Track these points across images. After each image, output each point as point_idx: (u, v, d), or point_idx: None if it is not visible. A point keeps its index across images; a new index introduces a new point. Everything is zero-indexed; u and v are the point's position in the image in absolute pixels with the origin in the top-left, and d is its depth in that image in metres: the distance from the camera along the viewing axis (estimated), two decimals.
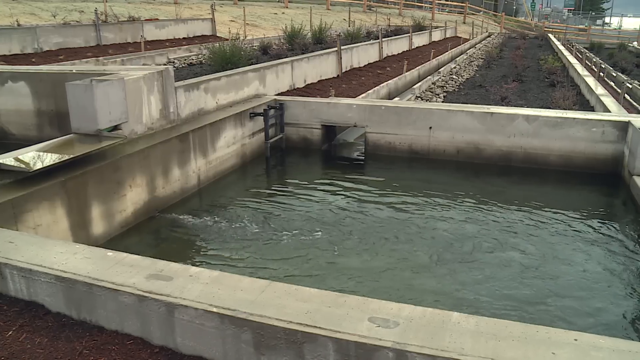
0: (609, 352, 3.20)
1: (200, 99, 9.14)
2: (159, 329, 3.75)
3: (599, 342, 3.29)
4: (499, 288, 5.70)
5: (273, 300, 3.64)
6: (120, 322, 3.86)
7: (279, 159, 10.52)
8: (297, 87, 13.10)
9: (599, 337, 3.39)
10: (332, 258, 6.29)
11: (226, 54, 12.09)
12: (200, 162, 8.47)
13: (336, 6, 41.83)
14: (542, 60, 21.89)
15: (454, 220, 7.42)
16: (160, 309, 3.69)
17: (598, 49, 34.78)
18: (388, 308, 3.54)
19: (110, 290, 3.81)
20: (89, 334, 3.83)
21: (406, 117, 10.11)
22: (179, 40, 20.89)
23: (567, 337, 3.34)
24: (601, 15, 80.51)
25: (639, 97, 14.92)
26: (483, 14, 62.35)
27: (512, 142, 9.66)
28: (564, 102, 12.32)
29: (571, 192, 8.93)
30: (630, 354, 3.18)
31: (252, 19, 28.61)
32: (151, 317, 3.74)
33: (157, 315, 3.71)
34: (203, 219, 7.29)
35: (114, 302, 3.82)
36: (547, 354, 3.15)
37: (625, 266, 6.29)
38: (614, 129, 9.18)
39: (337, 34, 18.83)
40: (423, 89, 16.21)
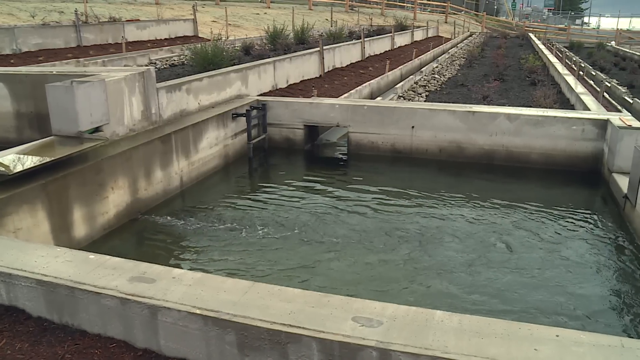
0: (590, 347, 3.23)
1: (182, 100, 9.10)
2: (142, 332, 3.73)
3: (580, 338, 3.33)
4: (481, 283, 5.74)
5: (256, 301, 3.63)
6: (103, 325, 3.84)
7: (261, 159, 10.51)
8: (280, 88, 13.09)
9: (580, 332, 3.43)
10: (316, 258, 6.29)
11: (208, 54, 12.04)
12: (183, 163, 8.43)
13: (318, 6, 41.84)
14: (523, 59, 22.07)
15: (437, 219, 7.45)
16: (143, 312, 3.67)
17: (578, 48, 35.16)
18: (371, 307, 3.55)
19: (93, 293, 3.79)
20: (71, 338, 3.80)
21: (389, 116, 10.14)
22: (161, 41, 20.78)
23: (549, 333, 3.37)
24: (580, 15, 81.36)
25: (618, 95, 15.10)
26: (464, 13, 62.72)
27: (494, 141, 9.73)
28: (544, 100, 12.43)
29: (553, 190, 9.01)
30: (610, 348, 3.22)
31: (234, 19, 28.52)
32: (134, 319, 3.72)
33: (140, 318, 3.69)
34: (186, 221, 7.26)
35: (97, 305, 3.80)
36: (530, 351, 3.18)
37: (604, 260, 6.37)
38: (593, 127, 9.29)
39: (320, 34, 18.86)
40: (405, 88, 16.26)
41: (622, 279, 6.01)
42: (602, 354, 3.17)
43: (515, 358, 3.12)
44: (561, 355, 3.15)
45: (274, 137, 10.77)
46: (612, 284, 5.89)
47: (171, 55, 17.29)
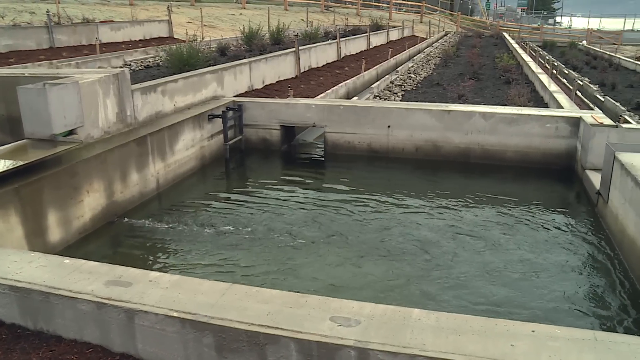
0: (565, 341, 3.28)
1: (158, 102, 9.03)
2: (119, 336, 3.70)
3: (555, 332, 3.38)
4: (458, 280, 5.78)
5: (234, 303, 3.62)
6: (79, 330, 3.80)
7: (238, 160, 10.47)
8: (256, 88, 13.05)
9: (555, 327, 3.48)
10: (294, 258, 6.29)
11: (183, 55, 11.96)
12: (159, 165, 8.37)
13: (294, 6, 41.80)
14: (498, 58, 22.27)
15: (414, 218, 7.50)
16: (120, 316, 3.64)
17: (551, 47, 35.57)
18: (349, 307, 3.56)
19: (68, 298, 3.75)
20: (46, 345, 3.75)
21: (365, 116, 10.17)
22: (136, 43, 20.58)
23: (525, 329, 3.41)
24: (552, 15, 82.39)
25: (589, 93, 15.32)
26: (439, 13, 63.11)
27: (469, 139, 9.82)
28: (519, 99, 12.56)
29: (528, 187, 9.12)
30: (584, 341, 3.28)
31: (210, 20, 28.36)
32: (111, 324, 3.68)
33: (117, 322, 3.66)
34: (163, 223, 7.21)
35: (72, 310, 3.76)
36: (506, 346, 3.22)
37: (578, 255, 6.47)
38: (566, 125, 9.42)
39: (295, 35, 18.84)
40: (381, 88, 16.32)
41: (595, 273, 6.11)
42: (576, 347, 3.23)
43: (492, 354, 3.15)
44: (537, 350, 3.19)
45: (250, 138, 10.74)
46: (586, 278, 5.98)
47: (146, 57, 17.14)
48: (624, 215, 6.45)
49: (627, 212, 6.33)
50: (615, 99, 14.28)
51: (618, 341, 3.32)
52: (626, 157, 6.76)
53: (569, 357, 3.14)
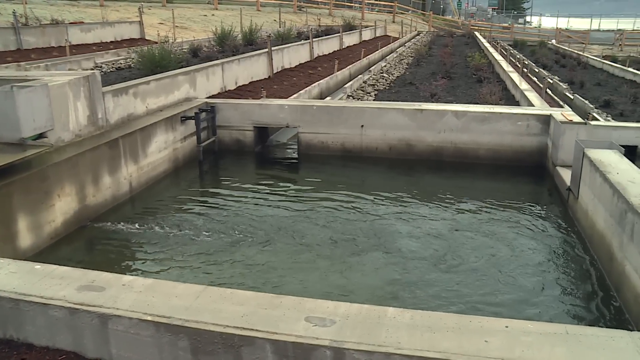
0: (537, 335, 3.34)
1: (130, 104, 8.95)
2: (93, 342, 3.66)
3: (528, 327, 3.43)
4: (432, 277, 5.83)
5: (209, 305, 3.61)
6: (52, 337, 3.75)
7: (212, 162, 10.42)
8: (229, 89, 13.00)
9: (528, 322, 3.54)
10: (268, 260, 6.27)
11: (155, 57, 11.87)
12: (132, 168, 8.29)
13: (266, 7, 41.68)
14: (470, 57, 22.48)
15: (388, 217, 7.53)
16: (93, 321, 3.60)
17: (521, 46, 36.02)
18: (324, 307, 3.57)
19: (39, 304, 3.69)
20: (16, 353, 3.69)
21: (338, 116, 10.20)
22: (107, 44, 20.36)
23: (498, 325, 3.46)
24: (522, 14, 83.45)
25: (559, 91, 15.55)
26: (412, 13, 63.48)
27: (442, 138, 9.90)
28: (490, 97, 12.70)
29: (501, 184, 9.23)
30: (556, 335, 3.33)
31: (182, 21, 28.17)
32: (84, 329, 3.64)
33: (90, 328, 3.62)
34: (136, 226, 7.14)
35: (44, 316, 3.70)
36: (480, 343, 3.26)
37: (550, 250, 6.59)
38: (537, 122, 9.55)
39: (268, 35, 18.76)
40: (354, 87, 16.36)
41: (567, 267, 6.21)
42: (548, 341, 3.28)
43: (466, 351, 3.19)
44: (510, 346, 3.23)
45: (224, 140, 10.69)
46: (557, 272, 6.07)
47: (117, 59, 16.96)
48: (593, 210, 6.57)
49: (596, 207, 6.44)
50: (584, 97, 14.52)
51: (588, 334, 3.39)
52: (595, 154, 6.88)
53: (542, 351, 3.19)
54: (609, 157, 6.76)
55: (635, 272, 5.06)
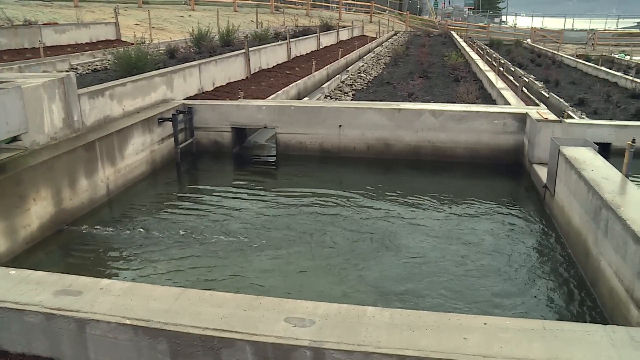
0: (515, 332, 3.38)
1: (106, 106, 8.86)
2: (70, 347, 3.63)
3: (506, 324, 3.47)
4: (412, 274, 5.86)
5: (187, 308, 3.59)
6: (27, 343, 3.70)
7: (190, 164, 10.36)
8: (206, 91, 12.94)
9: (506, 319, 3.58)
10: (247, 261, 6.26)
11: (132, 58, 11.77)
12: (109, 170, 8.21)
13: (243, 8, 41.53)
14: (447, 56, 22.64)
15: (367, 216, 7.55)
16: (71, 326, 3.57)
17: (497, 46, 36.32)
18: (303, 307, 3.57)
19: (14, 310, 3.64)
20: None
21: (316, 116, 10.20)
22: (82, 46, 20.11)
23: (477, 322, 3.49)
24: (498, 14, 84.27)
25: (535, 90, 15.72)
26: (389, 13, 63.73)
27: (420, 137, 9.95)
28: (467, 96, 12.80)
29: (478, 182, 9.30)
30: (533, 331, 3.38)
31: (158, 22, 27.95)
32: (61, 335, 3.60)
33: (68, 333, 3.59)
34: (114, 229, 7.08)
35: (19, 322, 3.65)
36: (459, 340, 3.29)
37: (527, 246, 6.65)
38: (514, 121, 9.65)
39: (245, 36, 18.73)
40: (332, 87, 16.39)
41: (544, 263, 6.28)
42: (526, 337, 3.32)
43: (445, 348, 3.21)
44: (489, 342, 3.27)
45: (201, 141, 10.64)
46: (534, 269, 6.14)
47: (93, 60, 16.77)
48: (569, 207, 6.65)
49: (572, 204, 6.52)
50: (559, 95, 14.71)
51: (565, 329, 3.44)
52: (570, 151, 6.97)
53: (519, 347, 3.23)
54: (583, 155, 6.85)
55: (610, 267, 5.14)
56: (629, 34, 56.34)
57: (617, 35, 54.16)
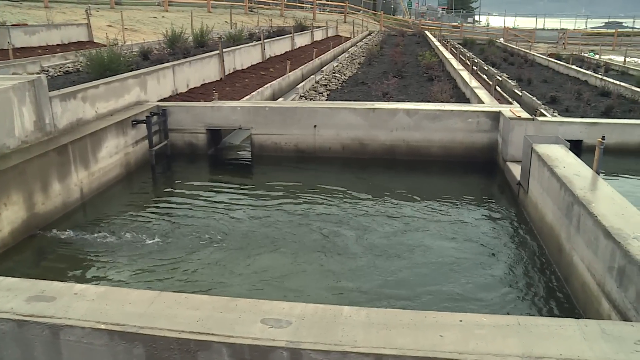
0: (491, 328, 3.41)
1: (79, 109, 8.75)
2: (44, 354, 3.57)
3: (482, 321, 3.50)
4: (388, 274, 5.88)
5: (163, 311, 3.57)
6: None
7: (165, 166, 10.28)
8: (180, 92, 12.85)
9: (482, 315, 3.61)
10: (223, 263, 6.23)
11: (104, 60, 11.65)
12: (82, 174, 8.12)
13: (217, 8, 41.34)
14: (421, 56, 22.78)
15: (342, 216, 7.57)
16: (44, 332, 3.51)
17: (470, 45, 36.71)
18: (280, 308, 3.57)
19: None
20: None
21: (291, 117, 10.20)
22: (53, 47, 19.82)
23: (453, 319, 3.52)
24: (471, 13, 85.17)
25: (508, 88, 15.90)
26: (363, 13, 63.96)
27: (395, 136, 10.00)
28: (441, 95, 12.90)
29: (453, 180, 9.39)
30: (508, 327, 3.42)
31: (131, 23, 27.70)
32: (34, 342, 3.55)
33: (41, 340, 3.53)
34: (89, 233, 7.00)
35: None
36: (436, 337, 3.31)
37: (502, 243, 6.73)
38: (487, 119, 9.75)
39: (219, 37, 18.62)
40: (307, 88, 16.39)
41: (518, 259, 6.36)
42: (501, 333, 3.36)
43: (422, 346, 3.23)
44: (465, 339, 3.30)
45: (176, 143, 10.56)
46: (509, 265, 6.21)
47: (65, 62, 16.54)
48: (542, 204, 6.74)
49: (545, 200, 6.61)
50: (532, 94, 14.91)
51: (539, 324, 3.48)
52: (542, 149, 7.07)
53: (495, 343, 3.27)
54: (555, 152, 6.95)
55: (582, 262, 5.22)
56: (598, 33, 57.36)
57: (587, 34, 55.15)
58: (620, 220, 4.82)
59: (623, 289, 4.32)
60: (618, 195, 5.48)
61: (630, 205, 5.23)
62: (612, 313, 4.50)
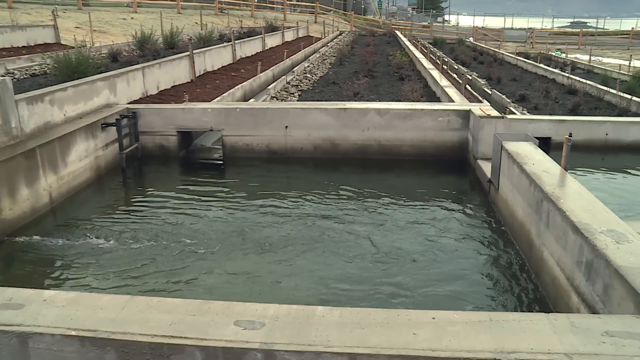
0: (463, 324, 3.45)
1: (47, 112, 8.61)
2: None
3: (454, 317, 3.54)
4: (360, 272, 5.90)
5: (135, 316, 3.53)
6: None
7: (135, 169, 10.16)
8: (151, 94, 12.73)
9: (454, 312, 3.65)
10: (195, 266, 6.18)
11: (72, 63, 11.48)
12: (51, 178, 7.99)
13: (187, 10, 41.04)
14: (391, 55, 22.92)
15: (315, 217, 7.57)
16: (12, 341, 3.45)
17: (441, 44, 37.03)
18: (253, 309, 3.56)
19: None
20: None
21: (262, 118, 10.17)
22: (18, 49, 19.47)
23: (425, 317, 3.55)
24: (441, 13, 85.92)
25: (478, 87, 16.07)
26: (333, 13, 64.05)
27: (366, 136, 10.04)
28: (412, 94, 12.98)
29: (425, 179, 9.46)
30: (480, 323, 3.45)
31: (100, 25, 27.34)
32: (1, 351, 3.48)
33: (9, 349, 3.46)
34: (58, 239, 6.89)
35: None
36: (409, 336, 3.33)
37: (473, 240, 6.80)
38: (458, 118, 9.84)
39: (189, 38, 18.48)
40: (278, 89, 16.37)
41: (489, 256, 6.43)
42: (473, 329, 3.40)
43: (395, 344, 3.25)
44: (438, 336, 3.32)
45: (147, 146, 10.45)
46: (481, 261, 6.29)
47: (31, 65, 16.27)
48: (513, 200, 6.82)
49: (515, 197, 6.70)
50: (502, 92, 15.10)
51: (510, 319, 3.53)
52: (512, 146, 7.16)
53: (467, 340, 3.30)
54: (525, 149, 7.05)
55: (552, 257, 5.30)
56: (564, 33, 58.33)
57: (554, 34, 55.99)
58: (587, 216, 4.91)
59: (591, 282, 4.40)
60: (585, 191, 5.58)
61: (597, 201, 5.33)
62: (581, 306, 4.58)
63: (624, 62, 26.38)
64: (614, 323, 3.48)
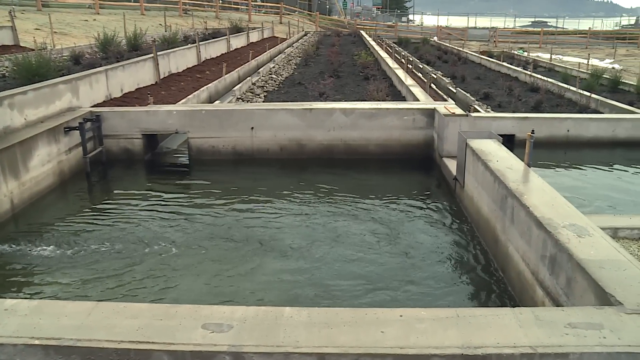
0: (430, 321, 3.48)
1: (6, 116, 8.43)
2: None
3: (421, 315, 3.57)
4: (329, 272, 5.91)
5: (101, 322, 3.48)
6: None
7: (100, 173, 10.01)
8: (114, 97, 12.55)
9: (421, 309, 3.68)
10: (162, 270, 6.10)
11: (32, 65, 11.25)
12: (12, 184, 7.82)
13: (151, 11, 40.56)
14: (356, 55, 23.01)
15: (282, 218, 7.57)
16: None
17: (405, 44, 37.31)
18: (220, 312, 3.54)
19: None
20: None
21: (227, 119, 10.11)
22: None
23: (393, 315, 3.57)
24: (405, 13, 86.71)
25: (443, 86, 16.22)
26: (298, 13, 64.07)
27: (332, 136, 10.07)
28: (377, 94, 13.06)
29: (391, 177, 9.52)
30: (447, 319, 3.49)
31: (61, 26, 26.82)
32: None
33: None
34: (20, 246, 6.74)
35: None
36: (377, 334, 3.35)
37: (439, 237, 6.88)
38: (423, 116, 9.93)
39: (153, 40, 18.25)
40: (243, 90, 16.31)
41: (457, 252, 6.51)
42: (441, 326, 3.43)
43: (364, 343, 3.26)
44: (406, 334, 3.35)
45: (111, 149, 10.30)
46: (447, 258, 6.35)
47: None
48: (478, 197, 6.91)
49: (480, 194, 6.79)
50: (466, 90, 15.28)
51: (477, 314, 3.57)
52: (476, 144, 7.25)
53: (435, 336, 3.33)
54: (489, 146, 7.15)
55: (517, 252, 5.39)
56: (525, 32, 59.38)
57: (516, 33, 56.95)
58: (550, 211, 5.00)
59: (555, 276, 4.48)
60: (548, 187, 5.68)
61: (560, 196, 5.44)
62: (545, 300, 4.66)
63: (582, 60, 26.96)
64: (576, 315, 3.56)
